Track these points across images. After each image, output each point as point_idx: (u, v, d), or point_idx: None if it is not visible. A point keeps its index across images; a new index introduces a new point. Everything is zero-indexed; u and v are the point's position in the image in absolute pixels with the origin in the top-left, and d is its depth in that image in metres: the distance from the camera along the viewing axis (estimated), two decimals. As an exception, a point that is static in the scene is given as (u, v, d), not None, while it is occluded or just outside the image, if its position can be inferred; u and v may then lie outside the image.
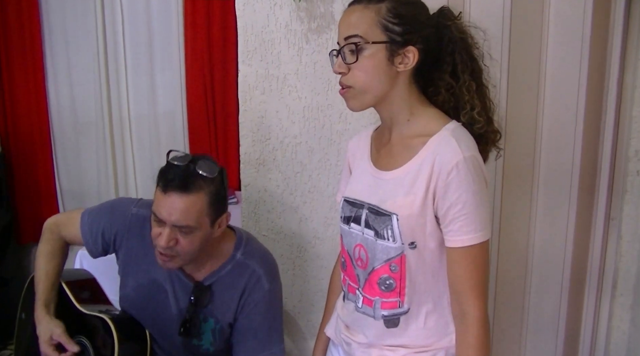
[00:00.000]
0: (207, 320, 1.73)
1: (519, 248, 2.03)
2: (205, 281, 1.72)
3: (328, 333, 1.61)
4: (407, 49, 1.29)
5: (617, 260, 2.02)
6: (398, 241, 1.31)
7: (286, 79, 2.04)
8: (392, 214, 1.30)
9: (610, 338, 2.07)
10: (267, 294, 1.73)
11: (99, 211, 1.82)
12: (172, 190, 1.53)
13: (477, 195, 1.25)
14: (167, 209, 1.53)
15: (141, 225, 1.74)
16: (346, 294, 1.48)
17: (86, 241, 1.80)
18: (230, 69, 2.95)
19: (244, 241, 1.77)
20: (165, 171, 1.57)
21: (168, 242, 1.55)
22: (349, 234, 1.42)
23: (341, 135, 2.03)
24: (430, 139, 1.30)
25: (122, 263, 1.81)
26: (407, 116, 1.35)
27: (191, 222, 1.54)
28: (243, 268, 1.72)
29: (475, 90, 1.34)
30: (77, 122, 3.32)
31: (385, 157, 1.40)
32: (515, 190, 1.97)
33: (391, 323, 1.37)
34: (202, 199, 1.55)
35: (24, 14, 3.15)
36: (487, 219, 1.29)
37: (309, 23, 1.98)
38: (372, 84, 1.30)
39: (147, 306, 1.77)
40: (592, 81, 1.89)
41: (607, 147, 1.95)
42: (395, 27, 1.27)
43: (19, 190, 3.36)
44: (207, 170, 1.56)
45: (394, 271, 1.33)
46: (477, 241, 1.27)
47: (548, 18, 1.87)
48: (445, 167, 1.24)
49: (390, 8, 1.28)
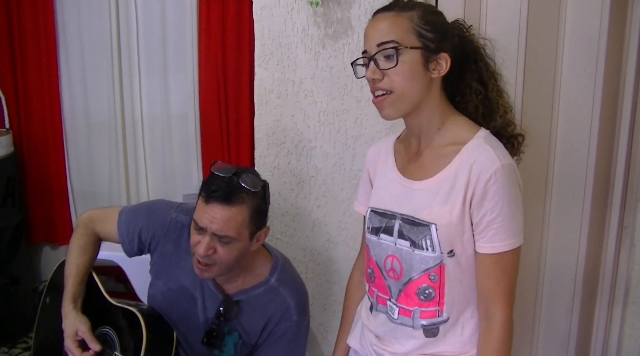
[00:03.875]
0: (231, 333, 1.73)
1: (531, 255, 2.04)
2: (234, 296, 1.72)
3: (351, 343, 1.60)
4: (439, 56, 1.31)
5: (630, 268, 2.02)
6: (437, 250, 1.31)
7: (302, 83, 2.05)
8: (430, 223, 1.30)
9: (622, 346, 2.07)
10: (294, 326, 1.72)
11: (137, 211, 1.81)
12: (215, 201, 1.54)
13: (512, 203, 1.27)
14: (209, 218, 1.54)
15: (179, 231, 1.75)
16: (374, 305, 1.47)
17: (122, 240, 1.79)
18: (243, 73, 2.96)
19: (279, 266, 1.76)
20: (208, 182, 1.58)
21: (207, 250, 1.55)
22: (379, 245, 1.41)
23: (356, 140, 2.04)
24: (464, 147, 1.31)
25: (154, 264, 1.81)
26: (439, 124, 1.36)
27: (231, 233, 1.55)
28: (274, 295, 1.72)
29: (502, 94, 1.38)
30: (89, 123, 3.33)
31: (414, 166, 1.40)
32: (529, 198, 1.96)
33: (430, 333, 1.37)
34: (243, 213, 1.56)
35: (39, 15, 3.16)
36: (521, 226, 1.30)
37: (326, 28, 1.99)
38: (410, 89, 1.31)
39: (174, 311, 1.76)
40: (607, 90, 1.90)
41: (621, 156, 1.96)
42: (428, 34, 1.29)
43: (30, 190, 3.37)
44: (250, 184, 1.57)
45: (434, 281, 1.33)
46: (510, 248, 1.28)
47: (564, 28, 1.88)
48: (484, 175, 1.25)
49: (422, 15, 1.30)
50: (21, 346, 3.16)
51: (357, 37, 1.96)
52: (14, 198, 3.16)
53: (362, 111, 2.02)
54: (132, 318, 1.69)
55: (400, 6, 1.32)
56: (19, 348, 3.15)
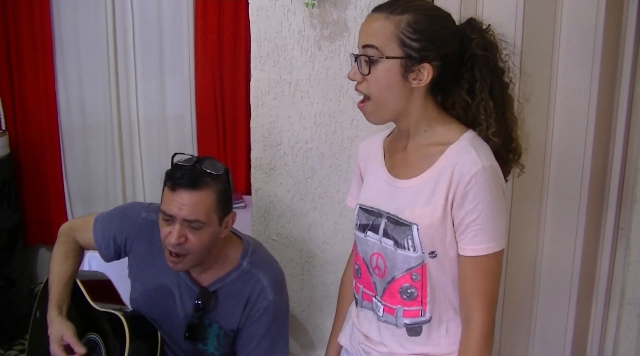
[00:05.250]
0: (211, 325, 1.75)
1: (527, 257, 2.04)
2: (210, 287, 1.73)
3: (342, 341, 1.60)
4: (422, 66, 1.27)
5: (626, 269, 2.02)
6: (419, 250, 1.30)
7: (298, 84, 2.05)
8: (412, 224, 1.30)
9: (617, 347, 2.07)
10: (272, 305, 1.73)
11: (111, 217, 1.85)
12: (181, 187, 1.57)
13: (493, 205, 1.26)
14: (177, 205, 1.56)
15: (150, 230, 1.76)
16: (360, 301, 1.47)
17: (99, 246, 1.83)
18: (240, 74, 2.96)
19: (250, 250, 1.78)
20: (172, 172, 1.61)
21: (179, 238, 1.57)
22: (365, 242, 1.42)
23: (352, 141, 2.04)
24: (449, 148, 1.30)
25: (131, 267, 1.83)
26: (425, 126, 1.35)
27: (201, 217, 1.57)
28: (248, 277, 1.73)
29: (492, 108, 1.31)
30: (86, 125, 3.34)
31: (401, 165, 1.40)
32: (525, 199, 1.98)
33: (413, 332, 1.37)
34: (210, 196, 1.59)
35: (35, 16, 3.16)
36: (503, 230, 1.29)
37: (322, 30, 1.99)
38: (386, 98, 1.30)
39: (155, 310, 1.78)
40: (603, 92, 1.90)
41: (617, 158, 1.96)
42: (413, 43, 1.25)
43: (27, 192, 3.38)
44: (213, 168, 1.61)
45: (416, 280, 1.33)
46: (490, 251, 1.27)
47: (560, 28, 1.88)
48: (465, 177, 1.24)
49: (411, 22, 1.25)
50: (17, 348, 3.15)
51: (353, 39, 1.96)
52: (10, 200, 3.16)
53: (358, 113, 1.98)
54: (115, 321, 1.71)
55: (394, 8, 1.27)
56: (15, 349, 3.15)
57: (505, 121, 1.35)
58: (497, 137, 1.32)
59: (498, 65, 1.34)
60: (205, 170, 1.60)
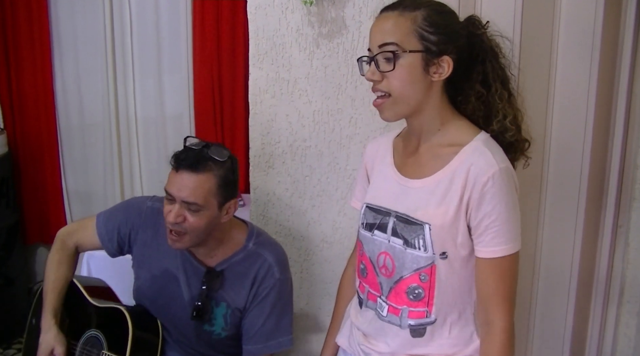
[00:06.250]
0: (218, 304, 1.77)
1: (526, 254, 2.03)
2: (217, 267, 1.77)
3: (340, 342, 1.60)
4: (442, 59, 1.28)
5: (624, 267, 2.03)
6: (429, 250, 1.30)
7: (297, 82, 2.05)
8: (424, 223, 1.30)
9: (616, 345, 2.08)
10: (278, 284, 1.77)
11: (114, 210, 1.89)
12: (183, 169, 1.62)
13: (510, 207, 1.26)
14: (177, 186, 1.62)
15: (156, 217, 1.81)
16: (365, 301, 1.46)
17: (102, 239, 1.85)
18: (238, 72, 2.96)
19: (255, 233, 1.83)
20: (179, 153, 1.67)
21: (176, 217, 1.63)
22: (372, 241, 1.41)
23: (351, 139, 2.04)
24: (462, 149, 1.30)
25: (136, 255, 1.87)
26: (438, 125, 1.35)
27: (199, 200, 1.62)
28: (255, 257, 1.78)
29: (507, 98, 1.34)
30: (84, 124, 3.33)
31: (412, 165, 1.39)
32: (524, 197, 1.96)
33: (417, 333, 1.36)
34: (210, 180, 1.63)
35: (33, 15, 3.16)
36: (518, 231, 1.29)
37: (320, 28, 1.99)
38: (408, 93, 1.30)
39: (160, 296, 1.82)
40: (602, 90, 1.90)
41: (616, 155, 1.96)
42: (431, 36, 1.27)
43: (25, 190, 3.37)
44: (217, 154, 1.66)
45: (424, 281, 1.33)
46: (508, 252, 1.27)
47: (559, 26, 1.88)
48: (481, 179, 1.25)
49: (426, 16, 1.27)
50: (16, 347, 3.15)
51: (351, 37, 1.95)
52: (8, 199, 3.15)
53: (356, 111, 2.01)
54: (117, 314, 1.75)
55: (405, 5, 1.29)
56: (13, 348, 3.15)
57: (515, 111, 1.37)
58: (513, 125, 1.34)
59: (501, 58, 1.37)
60: (210, 155, 1.64)
